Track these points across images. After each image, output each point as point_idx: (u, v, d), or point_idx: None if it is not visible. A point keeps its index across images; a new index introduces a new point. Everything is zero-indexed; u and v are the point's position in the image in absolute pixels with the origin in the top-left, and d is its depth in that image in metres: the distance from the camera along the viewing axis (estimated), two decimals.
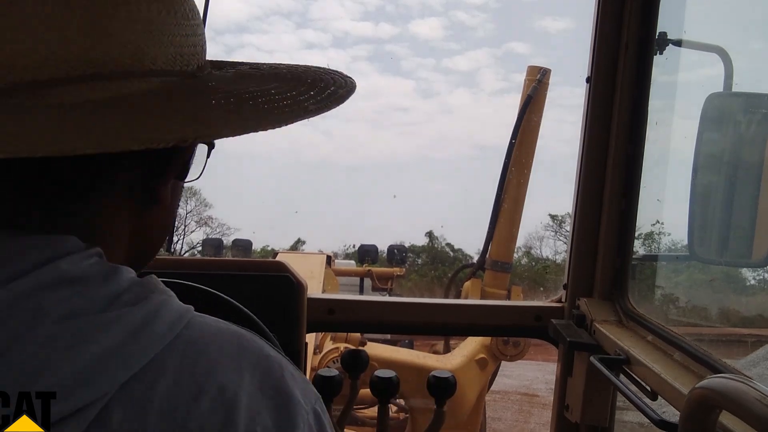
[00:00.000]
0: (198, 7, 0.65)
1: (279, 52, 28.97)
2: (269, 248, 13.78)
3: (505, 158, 3.80)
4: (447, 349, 4.70)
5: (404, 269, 9.23)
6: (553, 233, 20.14)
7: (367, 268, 8.60)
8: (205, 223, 20.17)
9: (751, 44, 1.92)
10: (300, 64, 0.70)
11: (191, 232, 20.06)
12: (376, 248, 9.51)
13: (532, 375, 10.33)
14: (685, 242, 1.69)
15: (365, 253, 9.20)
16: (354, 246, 14.50)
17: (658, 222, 2.03)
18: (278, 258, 4.70)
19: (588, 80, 1.76)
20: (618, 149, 1.72)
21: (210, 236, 18.16)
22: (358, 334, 4.18)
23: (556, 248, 20.43)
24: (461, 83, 30.63)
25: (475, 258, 4.21)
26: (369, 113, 29.47)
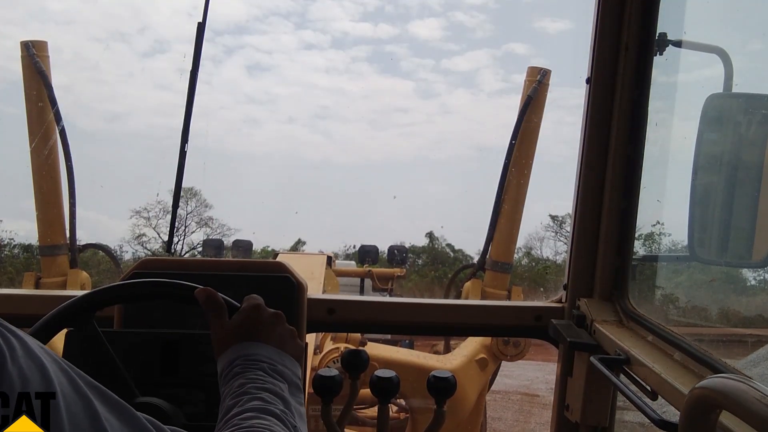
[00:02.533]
0: (198, 7, 0.66)
1: (278, 52, 28.98)
2: (270, 249, 13.79)
3: (506, 159, 3.79)
4: (447, 349, 4.70)
5: (405, 270, 9.22)
6: (553, 234, 20.17)
7: (368, 269, 8.60)
8: (206, 224, 20.20)
9: (751, 45, 1.92)
10: None
11: (191, 233, 20.09)
12: (377, 249, 9.50)
13: (533, 375, 10.33)
14: (686, 243, 1.69)
15: (366, 254, 9.20)
16: (354, 246, 14.48)
17: (658, 223, 2.02)
18: (279, 258, 4.70)
19: (588, 81, 1.76)
20: (618, 149, 1.72)
21: (210, 237, 18.20)
22: (359, 334, 4.18)
23: (556, 249, 20.46)
24: (461, 84, 30.56)
25: (476, 258, 4.21)
26: (368, 114, 29.44)
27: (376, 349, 3.89)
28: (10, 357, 0.65)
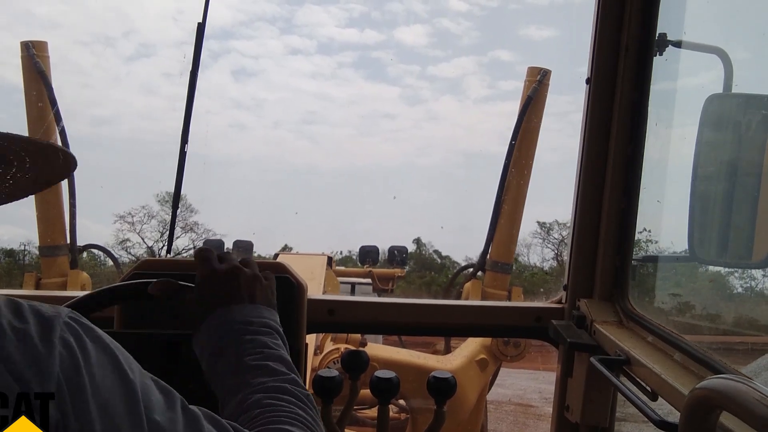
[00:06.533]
0: (183, 12, 0.66)
1: (264, 57, 28.88)
2: (255, 254, 13.74)
3: (506, 159, 3.80)
4: (447, 350, 4.70)
5: (405, 270, 9.23)
6: (540, 240, 20.15)
7: (368, 269, 8.61)
8: (191, 228, 19.86)
9: (751, 45, 1.92)
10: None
11: (176, 237, 19.87)
12: (377, 249, 9.49)
13: (525, 384, 10.29)
14: (675, 249, 1.69)
15: (366, 254, 9.20)
16: (341, 253, 14.51)
17: (645, 230, 1.98)
18: (278, 259, 4.70)
19: (588, 81, 1.76)
20: (618, 150, 1.72)
21: (196, 242, 18.11)
22: (359, 335, 4.18)
23: (543, 255, 20.46)
24: (447, 90, 30.61)
25: (464, 264, 4.22)
26: (355, 119, 29.34)
27: (376, 349, 3.90)
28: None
